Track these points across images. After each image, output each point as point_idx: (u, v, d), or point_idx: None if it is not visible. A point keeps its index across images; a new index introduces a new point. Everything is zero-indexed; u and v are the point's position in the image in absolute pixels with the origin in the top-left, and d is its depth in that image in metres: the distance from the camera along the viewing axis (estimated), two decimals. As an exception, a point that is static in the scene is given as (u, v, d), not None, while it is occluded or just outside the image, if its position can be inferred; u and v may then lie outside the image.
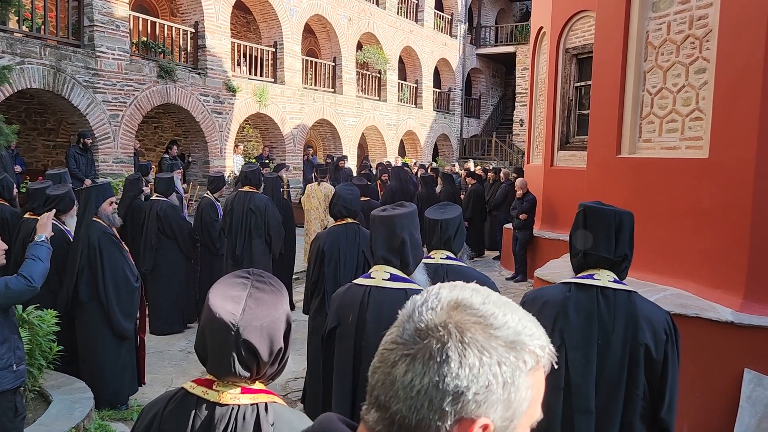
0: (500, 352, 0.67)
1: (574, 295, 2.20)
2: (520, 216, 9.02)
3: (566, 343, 2.18)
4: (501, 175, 11.73)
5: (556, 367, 0.74)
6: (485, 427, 0.67)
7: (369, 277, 2.34)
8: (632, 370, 2.09)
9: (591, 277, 2.20)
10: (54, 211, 3.67)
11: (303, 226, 8.76)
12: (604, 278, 2.17)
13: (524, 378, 0.68)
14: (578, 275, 2.25)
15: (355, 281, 2.40)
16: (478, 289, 0.73)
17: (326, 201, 8.33)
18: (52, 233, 3.35)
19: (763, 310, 3.80)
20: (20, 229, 4.62)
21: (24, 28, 9.35)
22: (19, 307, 3.84)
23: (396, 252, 2.30)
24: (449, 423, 0.66)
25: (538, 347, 0.70)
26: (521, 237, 9.16)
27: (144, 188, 7.20)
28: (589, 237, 2.20)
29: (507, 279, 9.36)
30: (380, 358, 0.72)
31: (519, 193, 9.31)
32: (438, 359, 0.66)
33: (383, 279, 2.29)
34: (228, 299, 1.42)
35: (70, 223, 4.56)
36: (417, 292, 2.24)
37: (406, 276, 2.31)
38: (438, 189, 10.75)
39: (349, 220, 4.32)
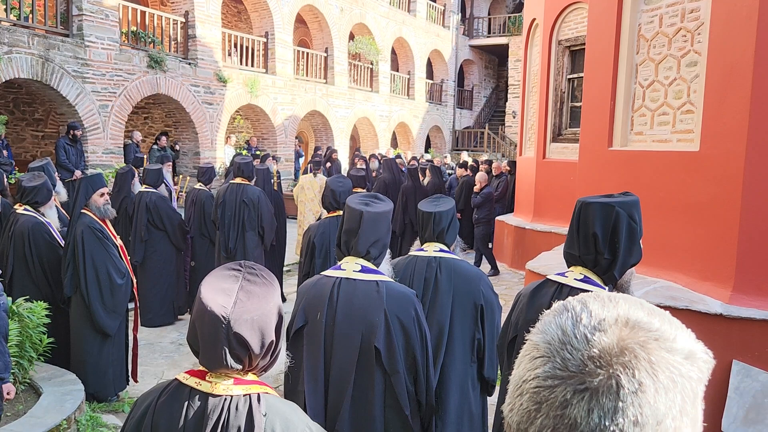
0: (686, 367, 0.60)
1: (539, 290, 2.19)
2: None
3: (518, 338, 2.18)
4: (493, 167, 11.72)
5: None
6: None
7: (339, 268, 2.32)
8: None
9: (563, 274, 2.16)
10: None
11: (296, 218, 8.74)
12: (571, 277, 2.11)
13: (702, 389, 0.62)
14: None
15: (324, 273, 2.37)
16: (629, 299, 0.65)
17: (322, 192, 8.30)
18: None
19: (751, 303, 3.84)
20: (9, 220, 4.57)
21: (11, 17, 9.23)
22: (9, 299, 3.82)
23: (374, 245, 2.30)
24: None
25: (704, 352, 0.63)
26: (477, 232, 9.02)
27: (136, 182, 7.12)
28: (569, 233, 2.16)
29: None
30: (534, 398, 0.60)
31: (477, 186, 9.21)
32: (629, 389, 0.56)
33: (354, 270, 2.27)
34: (219, 292, 1.41)
35: (50, 214, 4.52)
36: (386, 282, 2.24)
37: (375, 267, 2.31)
38: (425, 181, 10.72)
39: (341, 212, 4.31)
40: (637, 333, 0.60)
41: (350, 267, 2.28)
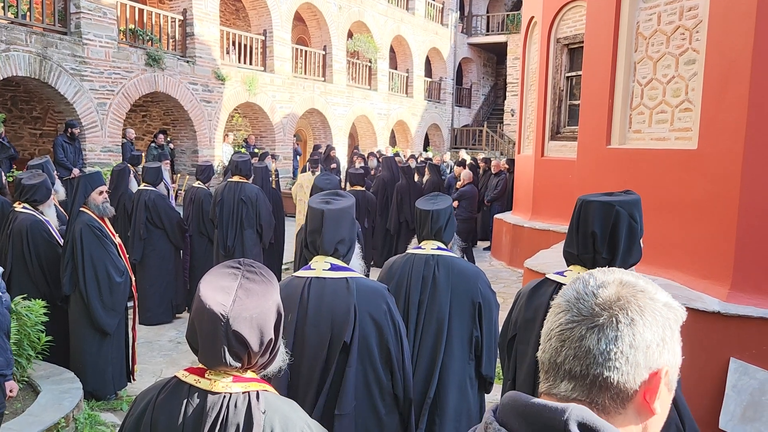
0: (664, 311, 0.85)
1: (538, 289, 2.19)
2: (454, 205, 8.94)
3: (517, 336, 2.19)
4: (492, 165, 11.72)
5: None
6: (666, 373, 0.83)
7: (309, 268, 2.32)
8: None
9: (562, 273, 2.16)
10: None
11: (294, 217, 8.73)
12: (569, 276, 2.10)
13: (678, 330, 0.86)
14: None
15: (296, 274, 2.38)
16: (622, 270, 0.91)
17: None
18: None
19: (749, 300, 3.85)
20: (8, 218, 4.56)
21: (9, 14, 9.20)
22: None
23: (340, 242, 2.30)
24: (644, 373, 0.82)
25: (679, 306, 0.88)
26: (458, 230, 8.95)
27: (132, 180, 7.12)
28: (569, 231, 2.15)
29: None
30: (560, 338, 0.85)
31: (459, 183, 9.19)
32: (625, 322, 0.81)
33: (324, 269, 2.28)
34: (218, 290, 1.41)
35: (49, 213, 4.51)
36: (356, 279, 2.25)
37: (345, 265, 2.31)
38: (424, 179, 10.72)
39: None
40: (629, 288, 0.85)
41: (320, 266, 2.28)
